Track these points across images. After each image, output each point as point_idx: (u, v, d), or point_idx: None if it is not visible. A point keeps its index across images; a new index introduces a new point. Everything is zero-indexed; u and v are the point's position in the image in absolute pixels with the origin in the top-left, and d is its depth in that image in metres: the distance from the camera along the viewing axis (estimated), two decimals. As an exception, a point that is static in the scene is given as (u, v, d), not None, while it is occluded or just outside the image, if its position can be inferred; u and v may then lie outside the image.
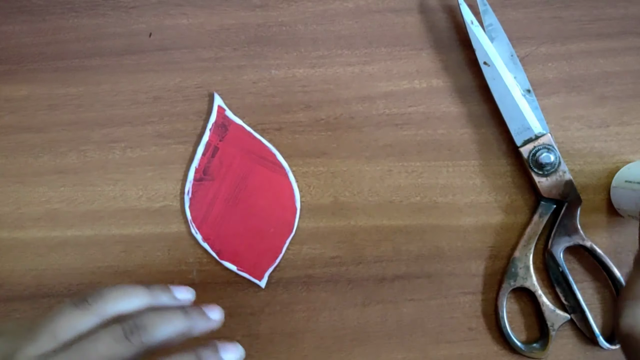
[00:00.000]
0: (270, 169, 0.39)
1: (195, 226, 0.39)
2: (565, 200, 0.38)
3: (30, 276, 0.39)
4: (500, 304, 0.38)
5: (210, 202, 0.39)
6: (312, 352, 0.39)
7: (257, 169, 0.39)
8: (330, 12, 0.41)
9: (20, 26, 0.40)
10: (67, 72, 0.40)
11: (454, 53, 0.40)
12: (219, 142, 0.39)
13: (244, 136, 0.39)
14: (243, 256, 0.39)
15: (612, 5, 0.41)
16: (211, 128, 0.39)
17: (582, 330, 0.38)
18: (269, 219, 0.39)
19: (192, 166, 0.39)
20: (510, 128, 0.38)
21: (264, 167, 0.39)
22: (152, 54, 0.40)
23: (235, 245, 0.39)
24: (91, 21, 0.40)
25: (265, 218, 0.39)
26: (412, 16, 0.41)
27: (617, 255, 0.39)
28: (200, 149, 0.39)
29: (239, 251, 0.39)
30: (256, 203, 0.39)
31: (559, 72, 0.40)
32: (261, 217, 0.39)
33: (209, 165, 0.39)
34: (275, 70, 0.40)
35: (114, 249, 0.39)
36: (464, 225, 0.39)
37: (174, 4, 0.40)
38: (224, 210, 0.39)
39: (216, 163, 0.39)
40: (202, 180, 0.39)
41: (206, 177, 0.39)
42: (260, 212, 0.39)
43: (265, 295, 0.39)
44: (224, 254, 0.39)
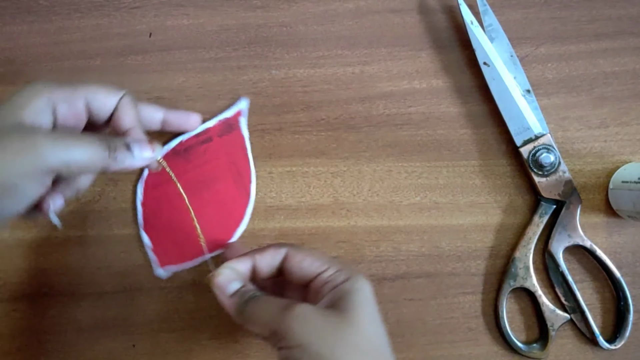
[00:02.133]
0: (239, 189, 0.39)
1: (142, 189, 0.39)
2: (565, 200, 0.38)
3: (31, 276, 0.39)
4: (500, 304, 0.38)
5: (165, 180, 0.37)
6: (312, 351, 0.39)
7: (228, 181, 0.39)
8: (330, 12, 0.41)
9: (26, 27, 0.40)
10: (71, 72, 0.40)
11: (453, 53, 0.41)
12: (216, 137, 0.39)
13: (239, 147, 0.39)
14: (161, 240, 0.38)
15: (611, 5, 0.41)
16: (220, 120, 0.39)
17: (582, 331, 0.38)
18: (204, 229, 0.38)
19: (179, 138, 0.39)
20: (510, 128, 0.38)
21: (235, 183, 0.39)
22: (154, 54, 0.40)
23: (163, 226, 0.38)
24: (95, 22, 0.40)
25: (202, 225, 0.38)
26: (412, 17, 0.41)
27: (616, 255, 0.39)
28: (197, 129, 0.39)
29: (160, 232, 0.38)
30: (205, 209, 0.38)
31: (559, 72, 0.40)
32: (199, 222, 0.38)
33: (193, 147, 0.39)
34: (276, 71, 0.40)
35: (114, 249, 0.39)
36: (464, 225, 0.40)
37: (175, 4, 0.41)
38: (172, 194, 0.37)
39: (200, 150, 0.39)
40: (177, 154, 0.39)
41: (182, 155, 0.39)
42: (202, 217, 0.38)
43: (265, 295, 0.39)
44: (148, 226, 0.38)
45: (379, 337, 0.28)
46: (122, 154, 0.30)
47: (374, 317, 0.29)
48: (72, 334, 0.38)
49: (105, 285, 0.39)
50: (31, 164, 0.27)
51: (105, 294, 0.38)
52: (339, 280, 0.29)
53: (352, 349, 0.27)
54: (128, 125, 0.32)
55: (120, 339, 0.38)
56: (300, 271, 0.30)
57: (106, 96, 0.31)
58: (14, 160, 0.26)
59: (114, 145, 0.29)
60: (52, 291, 0.38)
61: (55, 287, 0.39)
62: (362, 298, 0.28)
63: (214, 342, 0.38)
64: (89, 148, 0.28)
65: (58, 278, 0.39)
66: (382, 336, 0.29)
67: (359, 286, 0.29)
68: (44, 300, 0.38)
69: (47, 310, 0.38)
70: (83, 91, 0.30)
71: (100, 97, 0.31)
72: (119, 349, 0.38)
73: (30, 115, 0.28)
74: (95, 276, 0.39)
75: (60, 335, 0.38)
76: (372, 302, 0.29)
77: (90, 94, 0.30)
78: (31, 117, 0.28)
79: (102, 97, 0.31)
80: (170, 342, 0.38)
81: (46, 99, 0.29)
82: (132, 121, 0.32)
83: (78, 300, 0.38)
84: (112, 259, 0.39)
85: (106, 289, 0.38)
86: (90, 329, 0.38)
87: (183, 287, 0.39)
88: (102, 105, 0.31)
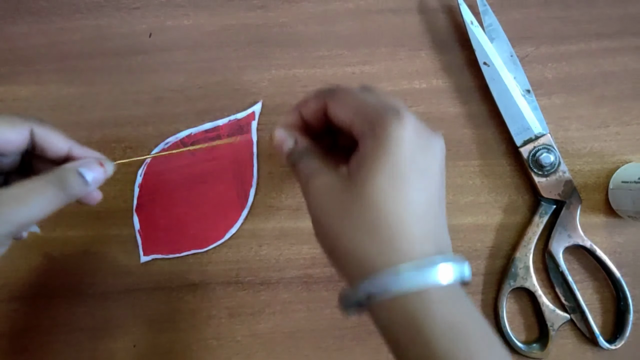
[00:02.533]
0: (238, 191, 0.39)
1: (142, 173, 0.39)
2: (565, 200, 0.38)
3: (31, 276, 0.39)
4: (500, 304, 0.38)
5: (167, 169, 0.39)
6: (312, 351, 0.39)
7: (229, 182, 0.39)
8: (330, 12, 0.41)
9: (26, 27, 0.40)
10: (72, 72, 0.40)
11: (453, 53, 0.41)
12: (225, 136, 0.39)
13: (246, 150, 0.39)
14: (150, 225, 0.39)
15: (611, 5, 0.41)
16: (231, 120, 0.39)
17: (582, 330, 0.38)
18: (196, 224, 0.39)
19: (189, 130, 0.39)
20: (510, 128, 0.38)
21: (235, 185, 0.39)
22: (154, 54, 0.40)
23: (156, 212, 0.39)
24: (95, 22, 0.40)
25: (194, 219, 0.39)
26: (412, 17, 0.41)
27: (616, 255, 0.39)
28: (207, 125, 0.39)
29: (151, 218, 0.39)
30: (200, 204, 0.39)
31: (559, 72, 0.40)
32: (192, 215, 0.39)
33: (201, 143, 0.39)
34: (276, 71, 0.40)
35: (114, 249, 0.39)
36: (464, 225, 0.40)
37: (175, 5, 0.41)
38: (171, 183, 0.39)
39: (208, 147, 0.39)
40: (185, 146, 0.39)
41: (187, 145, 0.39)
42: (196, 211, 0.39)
43: (265, 295, 0.39)
44: (140, 209, 0.39)
45: (392, 212, 0.25)
46: (78, 185, 0.28)
47: (393, 183, 0.25)
48: (73, 334, 0.38)
49: (105, 285, 0.39)
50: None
51: (105, 294, 0.38)
52: (362, 139, 0.26)
53: (355, 225, 0.25)
54: (62, 151, 0.30)
55: (120, 339, 0.38)
56: (337, 122, 0.28)
57: (8, 129, 0.28)
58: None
59: (65, 181, 0.28)
60: (52, 291, 0.39)
61: (55, 288, 0.39)
62: (379, 164, 0.25)
63: (214, 342, 0.38)
64: (43, 196, 0.27)
65: (58, 278, 0.39)
66: (403, 207, 0.25)
67: (379, 144, 0.25)
68: (44, 301, 0.38)
69: (47, 310, 0.38)
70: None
71: (2, 131, 0.28)
72: (120, 349, 0.38)
73: None
74: (95, 276, 0.39)
75: (60, 336, 0.38)
76: (399, 164, 0.25)
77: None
78: None
79: (2, 130, 0.28)
80: (171, 342, 0.38)
81: None
82: (64, 144, 0.30)
83: (78, 301, 0.38)
84: (112, 259, 0.39)
85: (106, 289, 0.39)
86: (91, 329, 0.38)
87: (183, 287, 0.39)
88: (5, 138, 0.28)
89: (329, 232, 0.26)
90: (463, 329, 0.24)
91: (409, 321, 0.24)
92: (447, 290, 0.24)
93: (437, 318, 0.24)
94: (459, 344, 0.23)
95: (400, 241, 0.24)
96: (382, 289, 0.24)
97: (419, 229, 0.25)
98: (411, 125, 0.25)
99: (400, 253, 0.24)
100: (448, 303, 0.24)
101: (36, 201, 0.27)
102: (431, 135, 0.27)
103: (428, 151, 0.26)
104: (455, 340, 0.24)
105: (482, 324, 0.25)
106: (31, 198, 0.27)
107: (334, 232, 0.26)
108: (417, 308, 0.24)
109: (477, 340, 0.24)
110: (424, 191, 0.25)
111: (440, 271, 0.24)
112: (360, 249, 0.25)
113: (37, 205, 0.27)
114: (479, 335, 0.24)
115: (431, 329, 0.23)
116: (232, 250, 0.39)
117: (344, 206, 0.26)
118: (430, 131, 0.27)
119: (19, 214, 0.26)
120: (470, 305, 0.25)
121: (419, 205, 0.25)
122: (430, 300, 0.24)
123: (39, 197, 0.27)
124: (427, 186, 0.26)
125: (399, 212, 0.25)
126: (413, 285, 0.24)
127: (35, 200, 0.27)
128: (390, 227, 0.25)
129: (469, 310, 0.25)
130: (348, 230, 0.25)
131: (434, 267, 0.24)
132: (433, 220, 0.26)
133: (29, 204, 0.27)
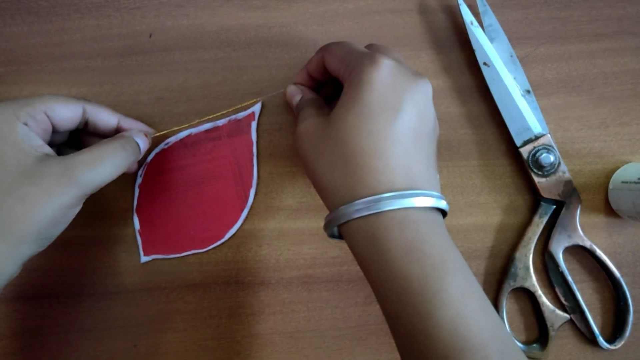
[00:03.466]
0: (238, 191, 0.39)
1: (142, 173, 0.39)
2: (565, 201, 0.38)
3: (32, 277, 0.39)
4: (500, 304, 0.38)
5: (167, 169, 0.39)
6: (312, 352, 0.39)
7: (229, 182, 0.39)
8: (330, 13, 0.41)
9: (26, 27, 0.40)
10: (72, 72, 0.40)
11: (453, 54, 0.41)
12: (225, 136, 0.39)
13: (246, 150, 0.39)
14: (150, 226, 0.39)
15: (611, 5, 0.41)
16: (231, 120, 0.39)
17: (582, 331, 0.39)
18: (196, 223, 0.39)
19: (189, 131, 0.39)
20: (510, 128, 0.38)
21: (235, 185, 0.39)
22: (154, 54, 0.40)
23: (155, 212, 0.39)
24: (95, 22, 0.40)
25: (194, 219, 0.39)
26: (411, 17, 0.41)
27: (616, 256, 0.39)
28: (207, 125, 0.39)
29: (151, 218, 0.39)
30: (200, 204, 0.39)
31: (558, 72, 0.40)
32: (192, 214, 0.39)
33: (201, 143, 0.39)
34: (276, 71, 0.40)
35: (114, 249, 0.39)
36: (464, 225, 0.40)
37: (175, 5, 0.41)
38: (171, 183, 0.39)
39: (207, 147, 0.39)
40: (185, 146, 0.39)
41: (189, 148, 0.39)
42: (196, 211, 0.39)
43: (265, 295, 0.39)
44: (141, 210, 0.39)
45: (359, 146, 0.27)
46: (135, 151, 0.33)
47: (361, 120, 0.27)
48: (74, 334, 0.38)
49: (106, 286, 0.39)
50: (74, 195, 0.29)
51: (105, 294, 0.39)
52: (344, 85, 0.30)
53: (328, 161, 0.28)
54: (113, 124, 0.34)
55: (121, 340, 0.38)
56: (330, 72, 0.32)
57: (64, 107, 0.32)
58: (59, 198, 0.28)
59: (127, 146, 0.32)
60: (53, 292, 0.39)
61: (56, 288, 0.39)
62: (350, 104, 0.28)
63: (214, 342, 0.39)
64: (112, 159, 0.31)
65: (59, 278, 0.39)
66: (370, 142, 0.27)
67: (353, 87, 0.28)
68: (45, 301, 0.39)
69: (48, 311, 0.38)
70: (40, 105, 0.31)
71: (58, 108, 0.31)
72: (121, 349, 0.38)
73: (23, 142, 0.29)
74: (95, 276, 0.39)
75: (61, 336, 0.38)
76: (368, 103, 0.28)
77: (48, 107, 0.31)
78: (24, 143, 0.29)
79: (60, 108, 0.31)
80: (172, 342, 0.38)
81: (16, 120, 0.29)
82: (113, 118, 0.34)
83: (79, 301, 0.38)
84: (112, 259, 0.39)
85: (107, 289, 0.39)
86: (92, 330, 0.38)
87: (183, 287, 0.39)
88: (62, 115, 0.32)
89: (309, 169, 0.30)
90: (420, 253, 0.26)
91: (371, 244, 0.27)
92: (408, 218, 0.26)
93: (393, 242, 0.26)
94: (414, 266, 0.26)
95: (364, 173, 0.27)
96: (344, 217, 0.27)
97: (384, 162, 0.27)
98: (385, 68, 0.28)
99: (363, 184, 0.27)
100: (405, 230, 0.26)
101: (106, 164, 0.30)
102: (411, 78, 0.29)
103: (404, 92, 0.28)
104: (411, 262, 0.26)
105: (444, 249, 0.27)
106: (101, 161, 0.30)
107: (313, 168, 0.29)
108: (375, 234, 0.27)
109: (435, 264, 0.26)
110: (393, 127, 0.27)
111: (398, 201, 0.26)
112: (332, 182, 0.28)
113: (106, 168, 0.30)
114: (438, 259, 0.26)
115: (389, 251, 0.26)
116: (232, 250, 0.39)
117: (320, 144, 0.29)
118: (412, 75, 0.29)
119: (92, 176, 0.30)
120: (435, 232, 0.27)
121: (386, 140, 0.27)
122: (387, 227, 0.27)
123: (108, 160, 0.31)
124: (398, 123, 0.28)
125: (366, 146, 0.27)
126: (368, 212, 0.27)
127: (104, 163, 0.30)
128: (357, 161, 0.27)
129: (432, 236, 0.27)
130: (323, 165, 0.29)
131: (389, 199, 0.26)
132: (404, 155, 0.27)
133: (100, 167, 0.30)
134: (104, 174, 0.30)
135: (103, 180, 0.30)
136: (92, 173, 0.29)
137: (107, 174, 0.30)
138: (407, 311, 0.26)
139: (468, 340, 0.24)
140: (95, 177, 0.30)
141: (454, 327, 0.24)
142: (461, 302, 0.25)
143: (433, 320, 0.25)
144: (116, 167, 0.31)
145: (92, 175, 0.30)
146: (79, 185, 0.29)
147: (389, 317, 0.27)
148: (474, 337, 0.24)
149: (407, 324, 0.26)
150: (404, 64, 0.30)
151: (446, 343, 0.24)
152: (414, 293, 0.25)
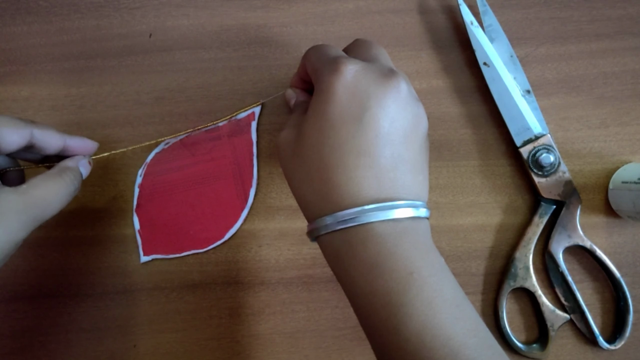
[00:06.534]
0: (238, 191, 0.39)
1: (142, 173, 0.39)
2: (565, 201, 0.38)
3: (31, 276, 0.39)
4: (500, 304, 0.38)
5: (167, 169, 0.39)
6: (312, 352, 0.39)
7: (228, 182, 0.39)
8: (330, 13, 0.41)
9: (26, 27, 0.40)
10: (71, 72, 0.40)
11: (453, 54, 0.41)
12: (225, 136, 0.39)
13: (246, 151, 0.39)
14: (150, 225, 0.39)
15: (611, 5, 0.41)
16: (231, 121, 0.39)
17: (582, 331, 0.38)
18: (196, 223, 0.39)
19: (189, 131, 0.39)
20: (510, 128, 0.38)
21: (235, 185, 0.39)
22: (154, 54, 0.40)
23: (155, 212, 0.39)
24: (95, 22, 0.41)
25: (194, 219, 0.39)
26: (411, 17, 0.41)
27: (616, 256, 0.39)
28: (208, 126, 0.39)
29: (151, 218, 0.39)
30: (200, 204, 0.39)
31: (558, 72, 0.40)
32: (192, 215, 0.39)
33: (201, 143, 0.39)
34: (276, 71, 0.40)
35: (114, 249, 0.39)
36: (464, 225, 0.40)
37: (175, 5, 0.41)
38: (171, 183, 0.39)
39: (207, 147, 0.39)
40: (185, 146, 0.39)
41: (189, 148, 0.39)
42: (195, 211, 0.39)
43: (265, 296, 0.39)
44: (141, 209, 0.39)
45: (322, 162, 0.26)
46: (80, 181, 0.32)
47: (323, 135, 0.26)
48: (73, 334, 0.38)
49: (105, 286, 0.39)
50: (30, 231, 0.28)
51: (105, 294, 0.39)
52: None
53: (298, 177, 0.28)
54: (59, 146, 0.32)
55: (121, 340, 0.38)
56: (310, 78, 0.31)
57: (13, 132, 0.30)
58: (17, 235, 0.27)
59: (75, 181, 0.31)
60: (52, 292, 0.39)
61: (55, 288, 0.39)
62: (312, 116, 0.27)
63: (214, 342, 0.38)
64: (66, 195, 0.30)
65: (58, 278, 0.39)
66: (333, 157, 0.26)
67: (315, 97, 0.27)
68: (45, 301, 0.38)
69: (47, 310, 0.38)
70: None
71: (6, 133, 0.29)
72: (121, 349, 0.38)
73: None
74: (95, 276, 0.39)
75: (61, 336, 0.38)
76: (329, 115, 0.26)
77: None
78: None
79: (8, 133, 0.29)
80: (171, 343, 0.38)
81: None
82: (60, 141, 0.32)
83: (79, 301, 0.38)
84: (112, 259, 0.39)
85: (107, 289, 0.39)
86: (92, 330, 0.38)
87: (183, 287, 0.39)
88: (8, 140, 0.29)
89: (287, 181, 0.29)
90: (384, 268, 0.25)
91: (338, 260, 0.27)
92: (373, 232, 0.26)
93: (357, 257, 0.26)
94: (377, 282, 0.25)
95: (327, 189, 0.26)
96: (314, 232, 0.28)
97: (347, 176, 0.26)
98: (347, 76, 0.26)
99: (328, 200, 0.26)
100: (370, 245, 0.26)
101: (61, 200, 0.30)
102: (379, 80, 0.27)
103: (369, 98, 0.26)
104: (375, 278, 0.25)
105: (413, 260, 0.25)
106: (58, 198, 0.29)
107: (289, 181, 0.29)
108: (340, 250, 0.27)
109: (400, 277, 0.25)
110: (356, 139, 0.26)
111: (361, 217, 0.26)
112: (304, 197, 0.28)
113: (60, 204, 0.30)
114: (403, 272, 0.25)
115: (354, 267, 0.26)
116: (232, 251, 0.39)
117: (293, 158, 0.28)
118: (382, 76, 0.27)
119: (48, 213, 0.29)
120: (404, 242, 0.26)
121: (349, 154, 0.26)
122: (352, 243, 0.26)
123: (63, 196, 0.30)
124: (362, 134, 0.26)
125: (329, 161, 0.26)
126: (333, 229, 0.26)
127: (61, 199, 0.30)
128: (321, 177, 0.27)
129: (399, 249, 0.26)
130: (295, 181, 0.29)
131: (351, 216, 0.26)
132: (370, 168, 0.26)
133: (52, 202, 0.29)
134: (56, 209, 0.29)
135: (53, 215, 0.29)
136: (49, 210, 0.29)
137: (58, 210, 0.30)
138: (376, 325, 0.25)
139: (435, 351, 0.24)
140: (50, 214, 0.29)
141: (420, 340, 0.24)
142: (428, 313, 0.24)
143: (399, 334, 0.24)
144: (66, 202, 0.30)
145: (49, 212, 0.29)
146: (38, 221, 0.28)
147: (364, 329, 0.27)
148: (442, 347, 0.24)
149: (378, 337, 0.26)
150: (378, 63, 0.28)
151: (414, 355, 0.24)
152: (380, 308, 0.25)
